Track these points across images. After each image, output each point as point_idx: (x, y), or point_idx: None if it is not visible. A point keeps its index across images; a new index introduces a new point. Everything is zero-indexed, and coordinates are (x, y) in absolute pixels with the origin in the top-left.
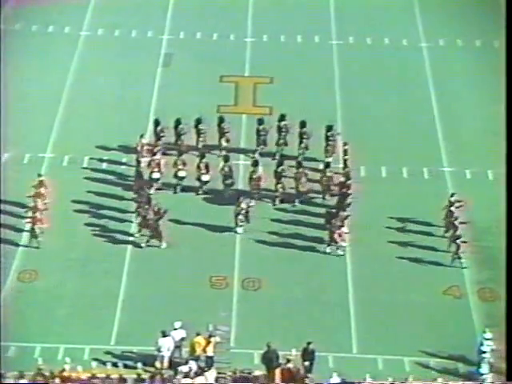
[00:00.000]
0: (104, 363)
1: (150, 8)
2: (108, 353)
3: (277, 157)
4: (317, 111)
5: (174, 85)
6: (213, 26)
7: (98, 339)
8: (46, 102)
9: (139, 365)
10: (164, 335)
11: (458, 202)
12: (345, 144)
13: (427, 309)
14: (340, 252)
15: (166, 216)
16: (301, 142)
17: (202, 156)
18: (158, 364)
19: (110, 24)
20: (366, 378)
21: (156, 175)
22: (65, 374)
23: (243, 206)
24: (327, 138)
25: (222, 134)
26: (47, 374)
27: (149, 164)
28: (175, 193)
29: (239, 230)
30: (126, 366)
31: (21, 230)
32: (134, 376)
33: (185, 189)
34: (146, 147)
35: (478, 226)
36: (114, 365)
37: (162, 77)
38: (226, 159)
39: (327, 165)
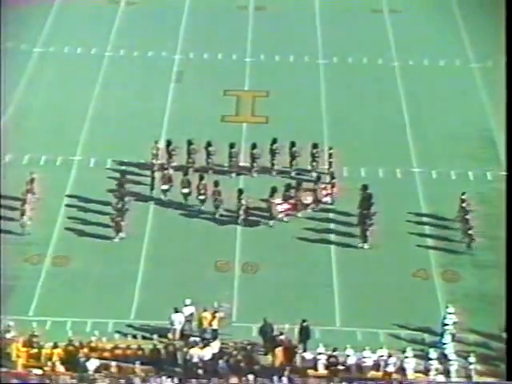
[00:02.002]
0: (125, 335)
1: (163, 32)
2: (128, 326)
3: (274, 174)
4: (306, 119)
5: (184, 98)
6: (217, 48)
7: (120, 314)
8: (76, 114)
9: (155, 336)
10: (176, 311)
11: (468, 200)
12: (330, 148)
13: (399, 289)
14: (367, 246)
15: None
16: (292, 160)
17: (201, 178)
18: (170, 336)
19: (129, 46)
20: (347, 348)
21: (164, 187)
22: (92, 344)
23: (243, 202)
24: (313, 155)
25: (231, 158)
26: (77, 344)
27: (162, 177)
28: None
29: (240, 222)
30: (143, 338)
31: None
32: (151, 346)
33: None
34: (158, 165)
35: (445, 217)
36: (134, 336)
37: (174, 91)
38: (216, 184)
39: (318, 178)
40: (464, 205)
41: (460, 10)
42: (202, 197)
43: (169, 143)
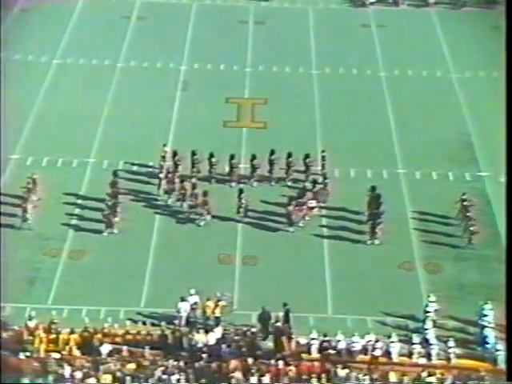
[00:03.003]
0: (135, 322)
1: (171, 45)
2: (138, 313)
3: (273, 183)
4: (301, 124)
5: (189, 105)
6: (220, 59)
7: (131, 303)
8: (90, 120)
9: (163, 323)
10: (182, 300)
11: (468, 200)
12: (323, 151)
13: (386, 279)
14: (377, 242)
15: None
16: (288, 169)
17: (194, 187)
18: (177, 322)
19: (139, 57)
20: (338, 334)
21: (167, 189)
22: (105, 330)
23: (243, 201)
24: (306, 165)
25: (231, 168)
26: (91, 330)
27: (167, 182)
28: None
29: (241, 219)
30: (152, 324)
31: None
32: (159, 332)
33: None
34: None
35: (427, 213)
36: (143, 323)
37: (180, 99)
38: (205, 194)
39: (315, 182)
40: (465, 204)
41: (441, 25)
42: (191, 203)
43: (175, 153)
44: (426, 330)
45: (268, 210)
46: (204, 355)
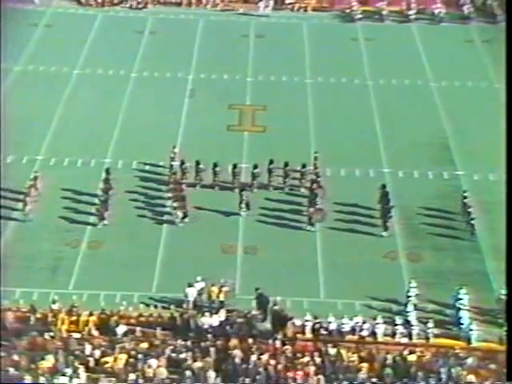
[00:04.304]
0: (148, 305)
1: (179, 56)
2: (150, 298)
3: (271, 189)
4: (296, 128)
5: (196, 110)
6: (224, 69)
7: (144, 288)
8: (107, 124)
9: (172, 307)
10: (189, 286)
11: (469, 197)
12: (315, 152)
13: (372, 267)
14: (386, 234)
15: None
16: (285, 177)
17: (181, 190)
18: (185, 306)
19: (151, 67)
20: (329, 316)
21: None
22: (120, 313)
23: (244, 197)
24: (302, 174)
25: (234, 176)
26: (108, 312)
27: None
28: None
29: (242, 213)
30: (163, 308)
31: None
32: (168, 315)
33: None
34: (173, 180)
35: (409, 209)
36: (155, 306)
37: (188, 105)
38: (183, 198)
39: (313, 181)
40: (465, 201)
41: (421, 39)
42: (175, 204)
43: (182, 162)
44: (408, 312)
45: (268, 206)
46: (209, 335)
